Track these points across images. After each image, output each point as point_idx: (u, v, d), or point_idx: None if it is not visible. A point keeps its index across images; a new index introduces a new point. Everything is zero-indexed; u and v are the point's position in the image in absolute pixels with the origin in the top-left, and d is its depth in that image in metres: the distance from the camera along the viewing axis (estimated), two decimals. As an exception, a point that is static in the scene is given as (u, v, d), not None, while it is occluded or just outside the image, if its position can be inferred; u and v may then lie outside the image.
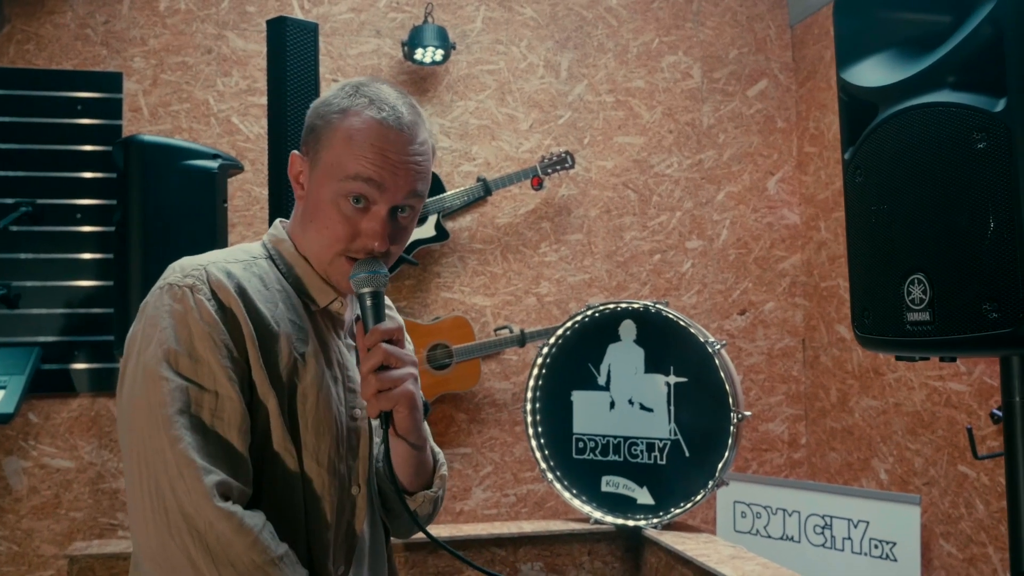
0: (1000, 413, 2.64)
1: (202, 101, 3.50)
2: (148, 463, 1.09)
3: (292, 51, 1.69)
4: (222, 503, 1.07)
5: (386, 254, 1.23)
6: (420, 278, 3.62)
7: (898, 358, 1.23)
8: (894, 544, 3.02)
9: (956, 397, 3.00)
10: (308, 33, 1.73)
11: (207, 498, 1.07)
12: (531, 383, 2.71)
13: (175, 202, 1.80)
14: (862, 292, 1.23)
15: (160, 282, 1.20)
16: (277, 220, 1.35)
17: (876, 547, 3.07)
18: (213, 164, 1.83)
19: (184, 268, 1.19)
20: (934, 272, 1.09)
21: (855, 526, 3.14)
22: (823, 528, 3.23)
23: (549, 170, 3.56)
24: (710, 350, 2.46)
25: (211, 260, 1.21)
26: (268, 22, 1.75)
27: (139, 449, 1.11)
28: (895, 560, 3.02)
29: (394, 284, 3.58)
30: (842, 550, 3.18)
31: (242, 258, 1.25)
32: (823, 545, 3.23)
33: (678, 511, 2.50)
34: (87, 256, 3.29)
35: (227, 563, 1.07)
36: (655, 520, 2.53)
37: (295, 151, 1.28)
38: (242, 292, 1.19)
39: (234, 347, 1.15)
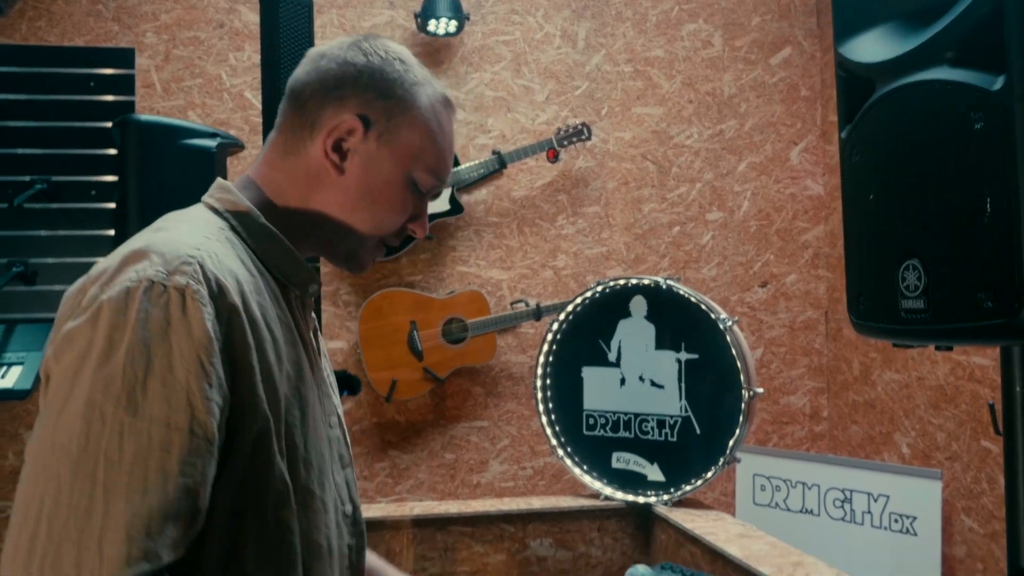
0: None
1: (215, 76, 3.48)
2: (57, 523, 0.81)
3: (285, 28, 1.67)
4: None
5: None
6: (435, 252, 3.60)
7: (895, 345, 1.19)
8: (914, 518, 2.99)
9: (980, 371, 2.93)
10: (302, 9, 1.70)
11: None
12: (541, 359, 2.69)
13: (173, 182, 1.78)
14: (857, 276, 1.19)
15: (130, 272, 0.89)
16: (220, 182, 1.10)
17: (896, 521, 3.04)
18: (211, 143, 1.82)
19: (167, 258, 0.90)
20: (928, 258, 1.05)
21: (875, 500, 3.11)
22: (843, 502, 3.20)
23: (565, 142, 3.52)
24: (721, 327, 2.42)
25: (196, 244, 0.94)
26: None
27: (49, 502, 0.81)
28: (915, 534, 2.98)
29: (409, 259, 3.57)
30: (861, 524, 3.15)
31: (214, 232, 1.00)
32: (843, 519, 3.20)
33: (689, 488, 2.48)
34: (103, 232, 3.31)
35: None
36: (665, 497, 2.51)
37: (350, 115, 1.06)
38: (240, 289, 0.95)
39: (226, 368, 0.90)
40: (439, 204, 3.48)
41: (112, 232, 3.31)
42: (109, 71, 3.33)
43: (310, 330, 1.14)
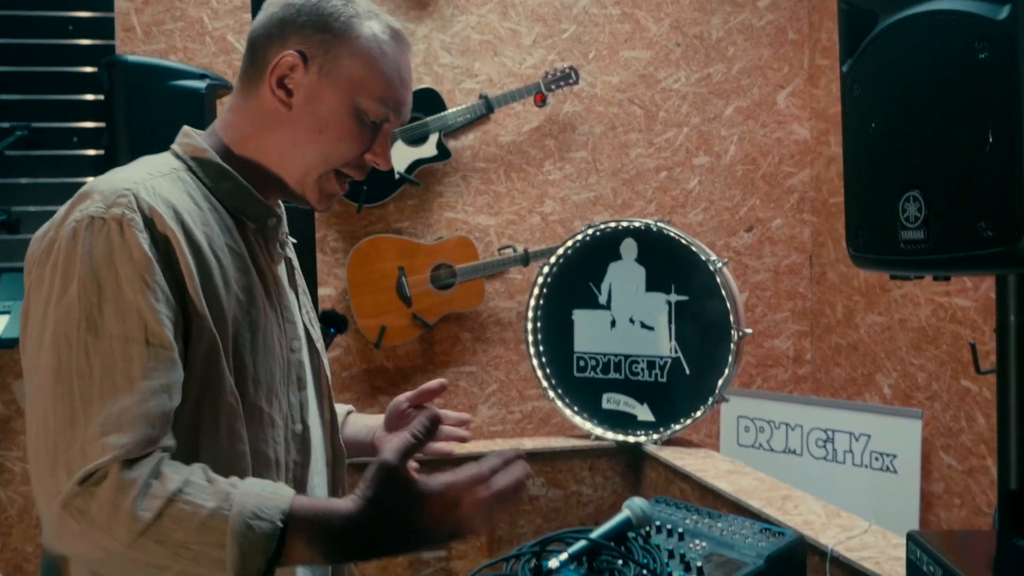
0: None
1: (196, 19, 3.41)
2: (49, 441, 0.94)
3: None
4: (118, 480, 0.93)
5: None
6: (423, 198, 3.59)
7: (892, 277, 1.21)
8: (895, 457, 3.06)
9: (961, 313, 2.98)
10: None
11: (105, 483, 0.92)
12: (532, 303, 2.71)
13: (162, 124, 1.75)
14: (857, 210, 1.20)
15: (75, 212, 1.01)
16: (184, 129, 1.19)
17: (877, 460, 3.11)
18: (200, 84, 1.79)
19: (106, 194, 1.01)
20: (929, 189, 1.06)
21: (857, 439, 3.18)
22: (825, 442, 3.26)
23: (553, 86, 3.49)
24: (711, 268, 2.44)
25: (135, 179, 1.04)
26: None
27: (42, 425, 0.95)
28: (895, 472, 3.06)
29: (397, 204, 3.56)
30: (843, 463, 3.22)
31: (164, 171, 1.10)
32: (825, 458, 3.27)
33: (678, 427, 2.52)
34: (86, 179, 3.26)
35: (123, 525, 0.92)
36: (655, 436, 2.56)
37: (289, 52, 1.11)
38: (179, 217, 1.04)
39: (170, 287, 1.01)
40: (426, 149, 3.45)
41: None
42: (87, 14, 3.24)
43: (276, 263, 1.20)
